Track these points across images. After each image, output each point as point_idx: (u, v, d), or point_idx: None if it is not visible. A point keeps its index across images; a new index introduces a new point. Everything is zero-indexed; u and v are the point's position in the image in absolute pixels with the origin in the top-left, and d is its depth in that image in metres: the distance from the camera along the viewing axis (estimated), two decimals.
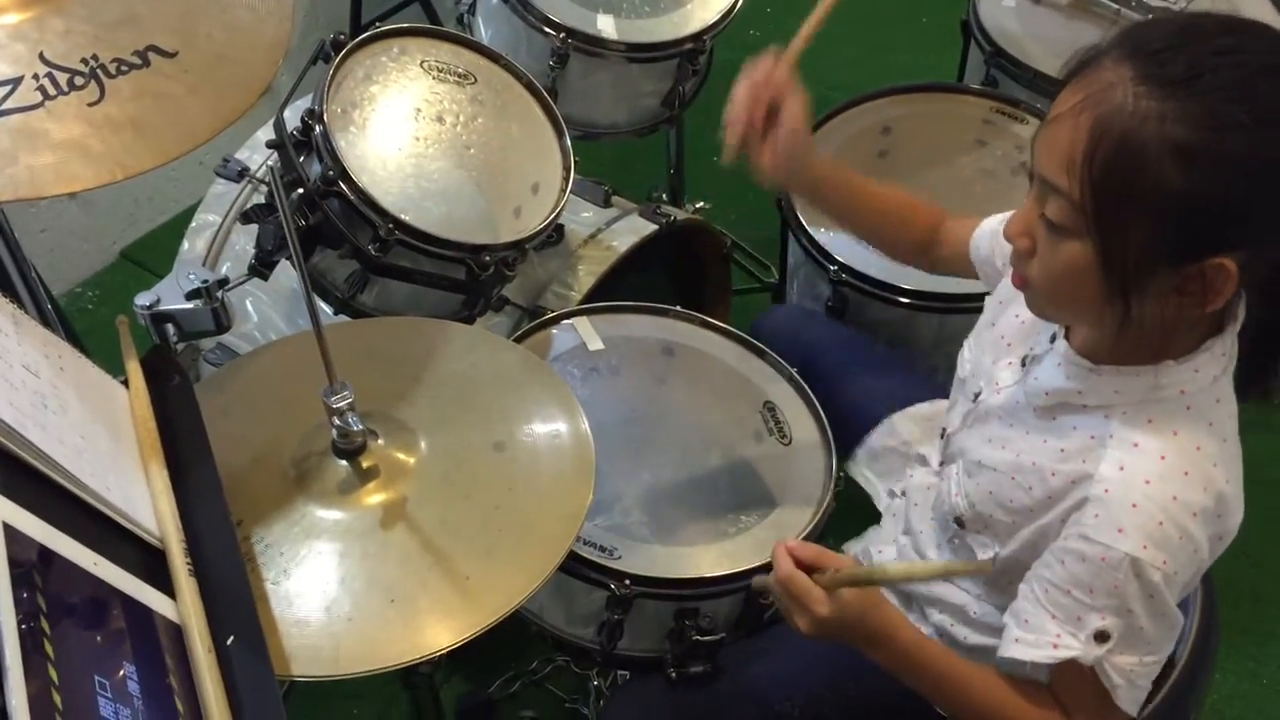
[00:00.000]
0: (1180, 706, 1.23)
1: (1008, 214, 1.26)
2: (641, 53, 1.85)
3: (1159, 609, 0.99)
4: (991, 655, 1.18)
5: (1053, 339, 1.11)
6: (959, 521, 1.17)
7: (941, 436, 1.28)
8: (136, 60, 1.02)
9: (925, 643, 1.14)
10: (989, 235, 1.30)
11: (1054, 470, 1.05)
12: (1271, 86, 0.87)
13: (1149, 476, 0.98)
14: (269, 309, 1.75)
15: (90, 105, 0.99)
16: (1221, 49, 0.88)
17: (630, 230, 1.76)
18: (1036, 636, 1.03)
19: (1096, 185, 0.90)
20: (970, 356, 1.25)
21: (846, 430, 1.48)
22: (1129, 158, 0.88)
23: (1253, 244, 0.91)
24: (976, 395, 1.20)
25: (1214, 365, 1.00)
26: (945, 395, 1.48)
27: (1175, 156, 0.87)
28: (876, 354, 1.62)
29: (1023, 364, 1.14)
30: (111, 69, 1.01)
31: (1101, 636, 0.99)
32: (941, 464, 1.28)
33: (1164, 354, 1.00)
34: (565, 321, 1.56)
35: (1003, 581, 1.15)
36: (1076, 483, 1.03)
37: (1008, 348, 1.19)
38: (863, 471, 1.47)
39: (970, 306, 1.64)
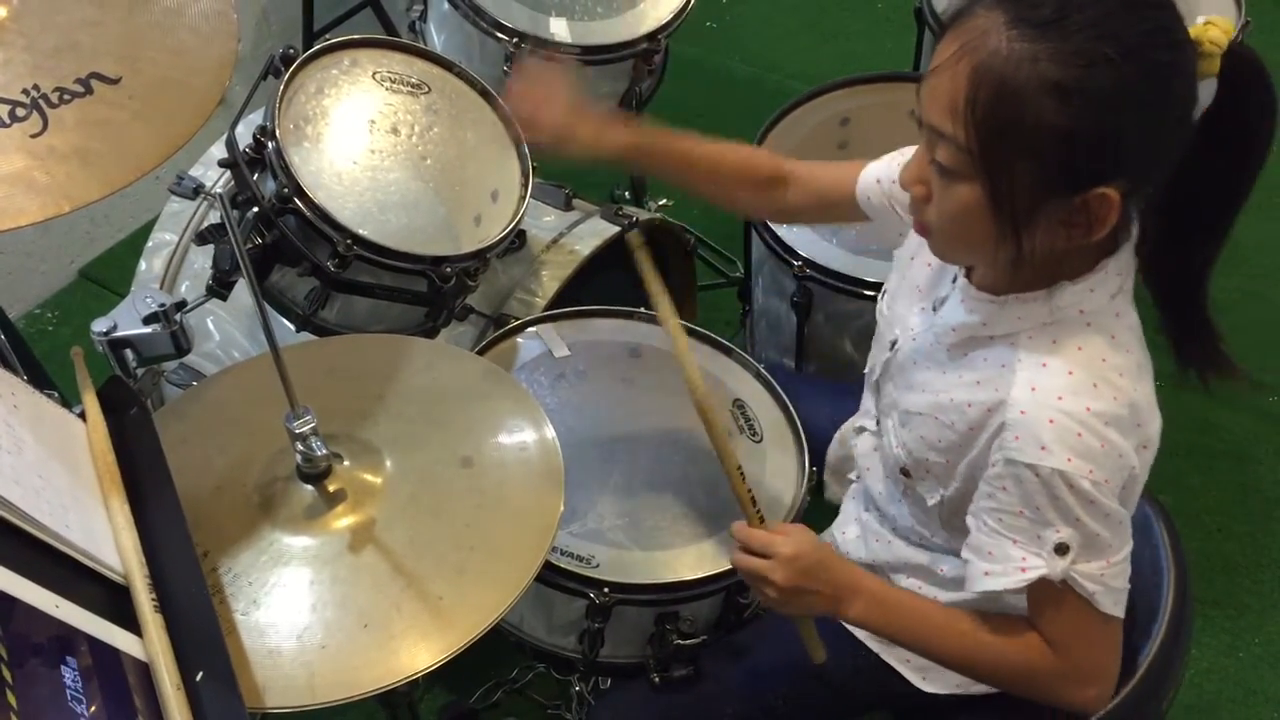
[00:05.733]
0: (1158, 683, 1.24)
1: (887, 157, 1.30)
2: (596, 54, 1.85)
3: (1102, 512, 1.01)
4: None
5: (954, 279, 1.15)
6: (905, 471, 1.20)
7: (875, 392, 1.30)
8: (79, 88, 1.00)
9: (892, 589, 1.19)
10: (875, 183, 1.32)
11: (970, 402, 1.08)
12: (1134, 21, 0.92)
13: (1060, 392, 1.01)
14: (231, 327, 1.73)
15: (33, 136, 0.97)
16: None
17: (593, 233, 1.76)
18: (1003, 565, 1.05)
19: (980, 128, 0.94)
20: (887, 310, 1.28)
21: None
22: (1008, 99, 0.92)
23: (1131, 171, 0.96)
24: (893, 344, 1.23)
25: (1109, 283, 1.04)
26: None
27: (1051, 94, 0.91)
28: (813, 385, 1.65)
29: (934, 309, 1.18)
30: (54, 98, 0.99)
31: (1062, 549, 1.02)
32: (878, 421, 1.29)
33: (1059, 278, 1.04)
34: (530, 329, 1.56)
35: (957, 521, 1.16)
36: (992, 410, 1.06)
37: (919, 294, 1.22)
38: (834, 491, 1.47)
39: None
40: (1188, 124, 0.97)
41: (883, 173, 1.32)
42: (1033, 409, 1.02)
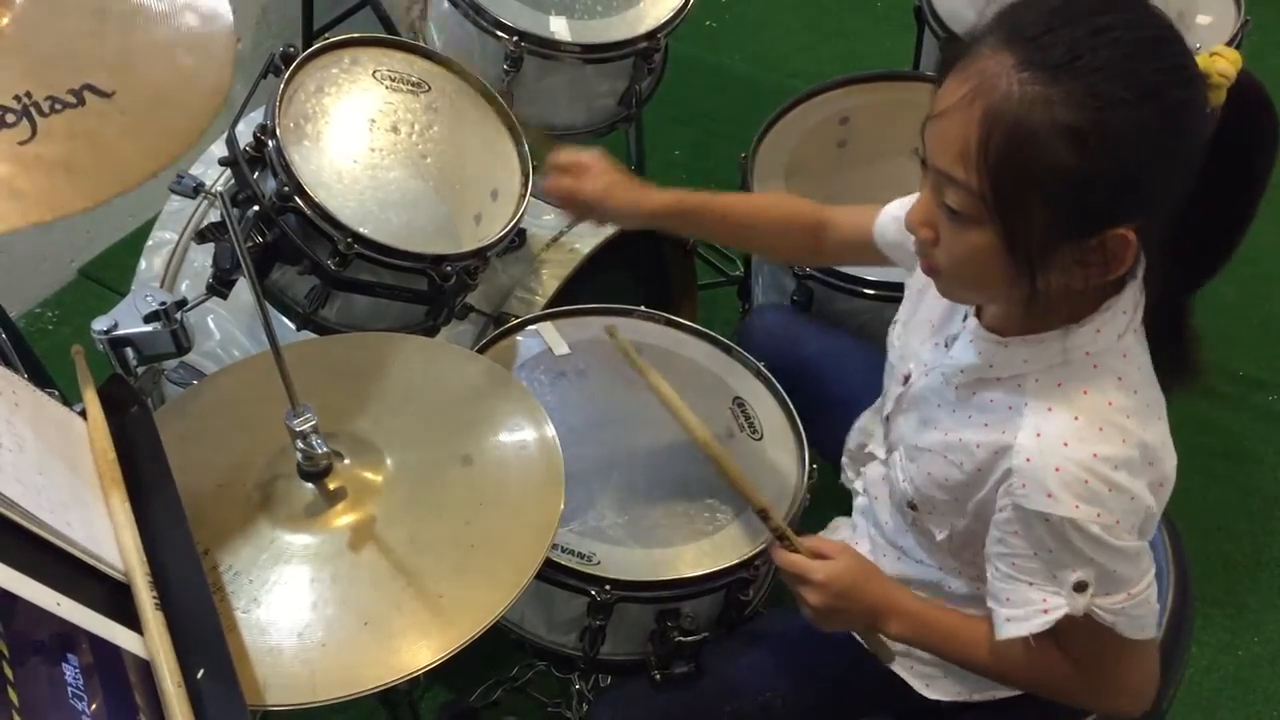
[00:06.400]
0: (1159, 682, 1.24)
1: (908, 199, 1.28)
2: (596, 53, 1.84)
3: (1115, 552, 1.01)
4: None
5: (965, 317, 1.14)
6: (912, 505, 1.19)
7: (885, 423, 1.29)
8: (71, 99, 0.99)
9: (930, 606, 1.19)
10: (894, 220, 1.31)
11: (978, 444, 1.07)
12: (1148, 61, 0.90)
13: (1066, 438, 1.00)
14: (231, 326, 1.73)
15: (21, 144, 0.96)
16: (1098, 28, 0.90)
17: (592, 232, 1.76)
18: (1024, 610, 1.05)
19: (994, 173, 0.92)
20: (898, 343, 1.27)
21: (826, 428, 1.48)
22: (1022, 144, 0.90)
23: (1148, 211, 0.94)
24: (906, 378, 1.22)
25: (1115, 323, 1.03)
26: None
27: (1066, 138, 0.89)
28: (858, 350, 1.61)
29: (946, 345, 1.17)
30: (45, 107, 0.97)
31: (1081, 586, 1.01)
32: (888, 452, 1.29)
33: (1068, 319, 1.03)
34: (530, 327, 1.55)
35: (967, 555, 1.17)
36: (999, 454, 1.05)
37: (932, 329, 1.21)
38: (846, 475, 1.47)
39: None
40: (1198, 157, 0.95)
41: (900, 211, 1.30)
42: (1038, 456, 1.00)
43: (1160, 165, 0.92)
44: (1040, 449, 1.01)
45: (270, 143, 1.35)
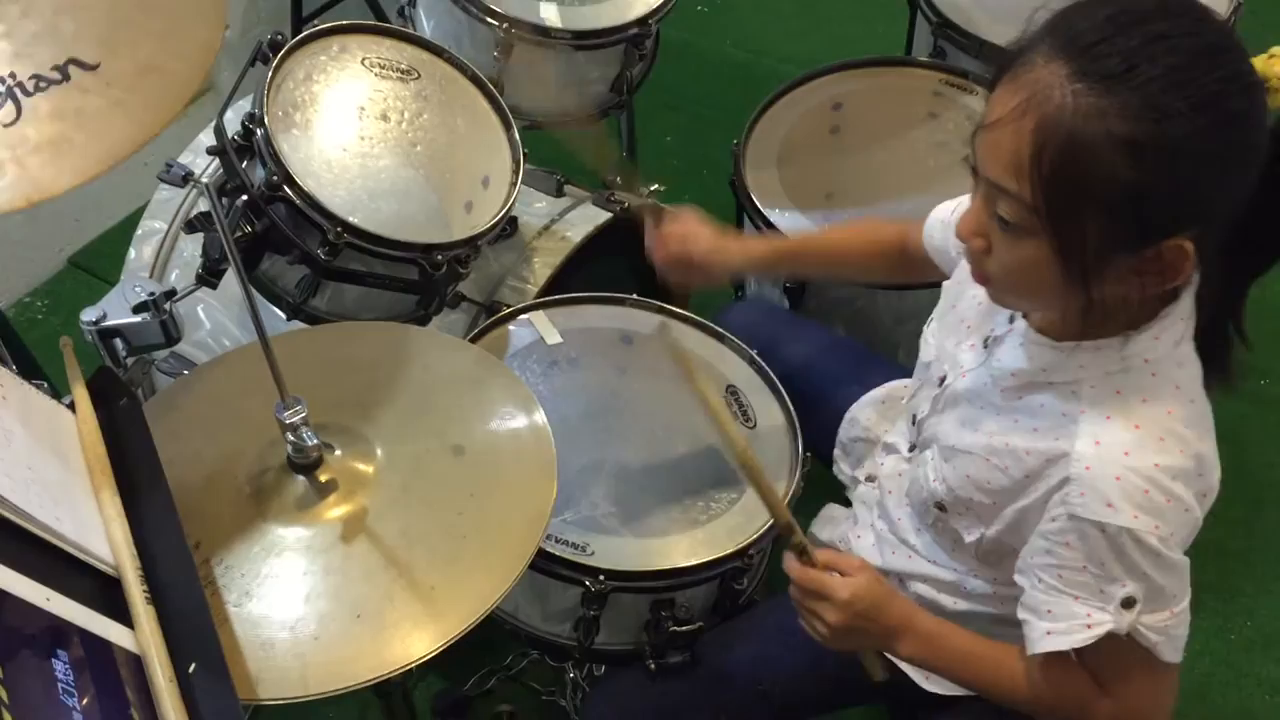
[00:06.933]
0: None
1: (955, 202, 1.28)
2: (587, 39, 1.83)
3: (1167, 565, 0.99)
4: (979, 621, 1.20)
5: (1011, 319, 1.12)
6: (940, 506, 1.17)
7: (913, 423, 1.28)
8: (56, 75, 0.97)
9: (945, 628, 1.15)
10: (940, 225, 1.31)
11: (1028, 449, 1.05)
12: (1204, 70, 0.87)
13: (1127, 448, 0.98)
14: (221, 315, 1.72)
15: (6, 126, 0.94)
16: (1153, 36, 0.88)
17: (584, 219, 1.75)
18: (1067, 623, 1.02)
19: (1048, 186, 0.90)
20: (933, 341, 1.26)
21: (813, 423, 1.48)
22: (1077, 157, 0.88)
23: (1206, 221, 0.92)
24: (942, 379, 1.20)
25: (1173, 330, 1.01)
26: (902, 375, 1.48)
27: (1122, 150, 0.87)
28: (836, 344, 1.61)
29: (985, 345, 1.15)
30: (29, 86, 0.96)
31: (1128, 602, 0.99)
32: (913, 449, 1.28)
33: (1126, 326, 1.01)
34: (522, 316, 1.55)
35: (992, 559, 1.16)
36: (1053, 461, 1.03)
37: (968, 330, 1.19)
38: (841, 469, 1.47)
39: (926, 283, 1.64)
40: (1258, 164, 0.93)
41: (947, 214, 1.30)
42: (1098, 465, 0.99)
43: (1219, 176, 0.90)
44: (1100, 457, 0.99)
45: (259, 131, 1.34)
